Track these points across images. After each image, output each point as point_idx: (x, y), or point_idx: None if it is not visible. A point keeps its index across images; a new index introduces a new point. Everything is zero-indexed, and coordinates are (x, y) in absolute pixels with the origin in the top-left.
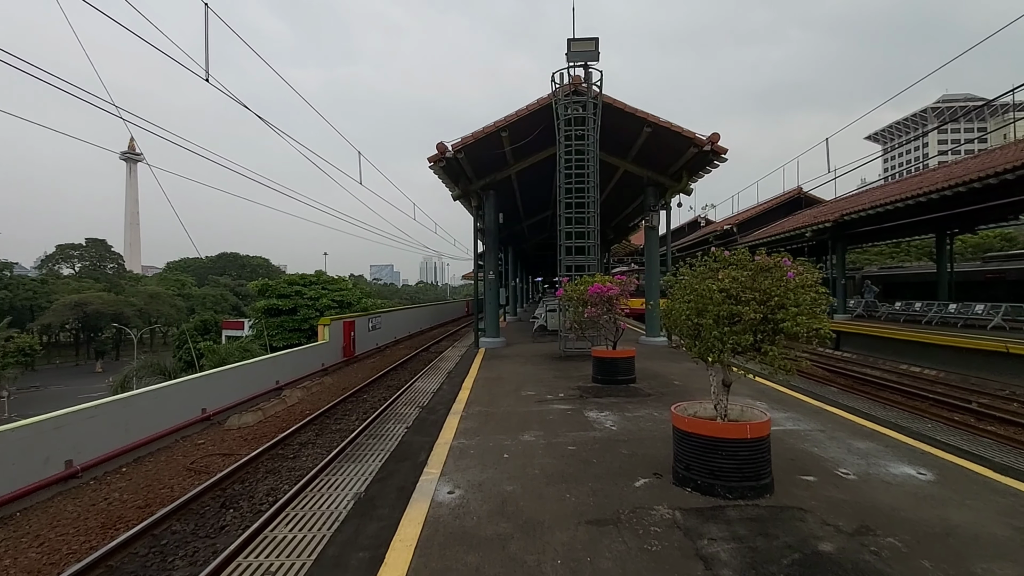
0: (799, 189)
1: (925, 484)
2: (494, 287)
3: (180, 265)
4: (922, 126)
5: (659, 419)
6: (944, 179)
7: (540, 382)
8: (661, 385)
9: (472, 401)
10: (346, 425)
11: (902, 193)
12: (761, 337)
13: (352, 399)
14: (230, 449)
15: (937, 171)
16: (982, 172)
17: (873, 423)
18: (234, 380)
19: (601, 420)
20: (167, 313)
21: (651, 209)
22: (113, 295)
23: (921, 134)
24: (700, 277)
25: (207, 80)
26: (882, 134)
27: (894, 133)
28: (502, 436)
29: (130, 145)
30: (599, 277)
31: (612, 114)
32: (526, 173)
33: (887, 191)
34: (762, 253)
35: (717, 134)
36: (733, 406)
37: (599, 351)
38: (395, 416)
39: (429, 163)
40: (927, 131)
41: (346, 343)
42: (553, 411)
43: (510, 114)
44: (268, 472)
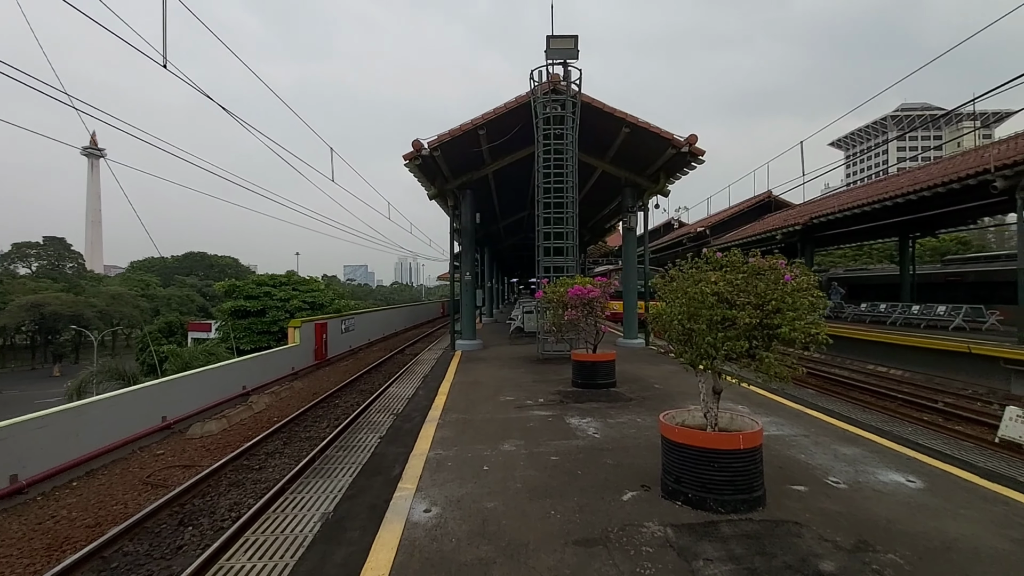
0: (769, 193)
1: (916, 493)
2: (470, 288)
3: (144, 265)
4: (882, 133)
5: (643, 425)
6: (909, 183)
7: (519, 386)
8: (642, 389)
9: (449, 407)
10: (316, 433)
11: (869, 197)
12: (756, 343)
13: (323, 405)
14: (191, 460)
15: (902, 176)
16: (946, 177)
17: (855, 427)
18: (197, 386)
19: (584, 427)
20: (130, 315)
21: (629, 210)
22: (72, 296)
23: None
24: (692, 280)
25: (164, 67)
26: (845, 141)
27: (856, 140)
28: (481, 446)
29: (92, 140)
30: (580, 279)
31: (591, 114)
32: (504, 172)
33: (854, 195)
34: (756, 254)
35: (695, 135)
36: (721, 414)
37: (579, 355)
38: (368, 424)
39: (404, 161)
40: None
41: (318, 346)
42: (534, 418)
43: (488, 111)
44: (231, 485)
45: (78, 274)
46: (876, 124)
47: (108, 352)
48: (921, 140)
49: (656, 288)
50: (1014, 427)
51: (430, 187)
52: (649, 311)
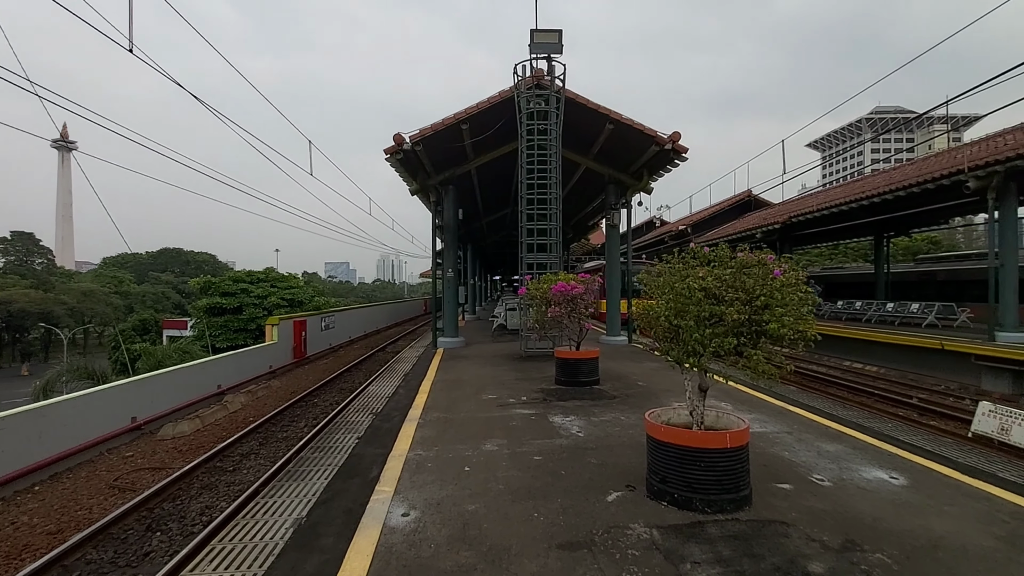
0: (749, 192)
1: (900, 490)
2: (453, 285)
3: (118, 261)
4: (857, 135)
5: (627, 423)
6: (885, 184)
7: (501, 384)
8: (625, 386)
9: (430, 406)
10: (293, 433)
11: (846, 196)
12: (744, 340)
13: (301, 404)
14: (161, 462)
15: (877, 176)
16: (921, 177)
17: (837, 423)
18: (169, 385)
19: (567, 426)
20: (102, 312)
21: (612, 207)
22: (41, 292)
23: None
24: (680, 275)
25: (131, 51)
26: (821, 142)
27: (832, 141)
28: (462, 446)
29: (63, 133)
30: (563, 275)
31: (574, 109)
32: (487, 168)
33: (831, 195)
34: (745, 249)
35: (678, 133)
36: (707, 412)
37: (562, 352)
38: (346, 424)
39: (385, 155)
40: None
41: (297, 344)
42: (516, 416)
43: (471, 106)
44: (203, 488)
45: (48, 270)
46: (852, 126)
47: (79, 351)
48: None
49: (642, 283)
50: (986, 422)
51: (412, 182)
52: (633, 308)
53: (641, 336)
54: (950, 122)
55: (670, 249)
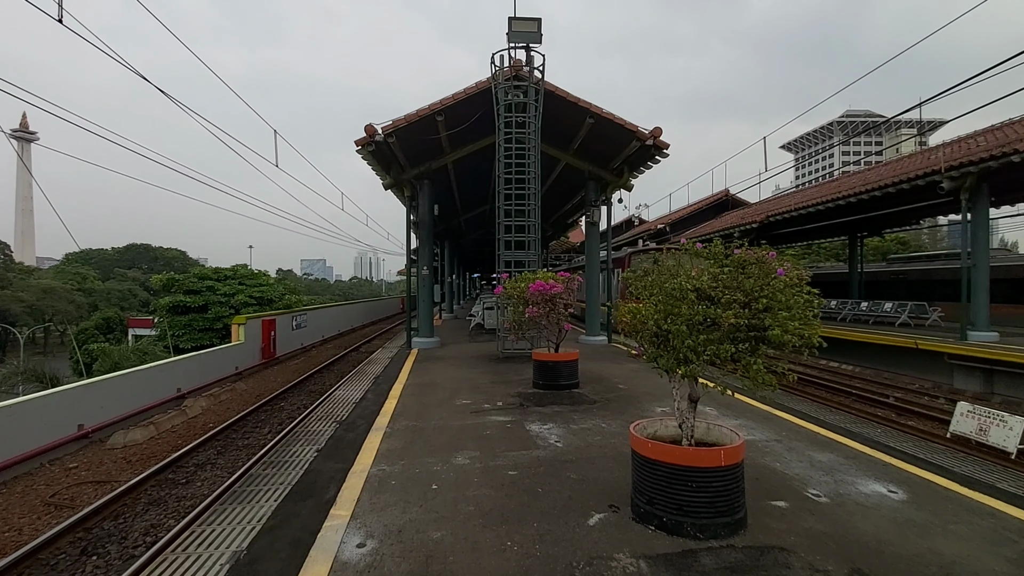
0: (726, 191)
1: (900, 506)
2: (428, 283)
3: (81, 257)
4: (828, 138)
5: (608, 432)
6: (861, 184)
7: (476, 388)
8: (606, 390)
9: (399, 413)
10: (255, 440)
11: (823, 196)
12: (743, 347)
13: (267, 408)
14: (107, 474)
15: (853, 177)
16: (897, 177)
17: (825, 429)
18: (123, 389)
19: (545, 435)
20: (64, 310)
21: (592, 204)
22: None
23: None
24: (670, 274)
25: (60, 21)
26: (794, 144)
27: (805, 143)
28: (432, 459)
29: (22, 123)
30: (542, 273)
31: (554, 103)
32: (464, 163)
33: (807, 194)
34: (742, 245)
35: (659, 128)
36: (696, 423)
37: (540, 354)
38: (306, 435)
39: (357, 146)
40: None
41: (265, 344)
42: (491, 424)
43: (446, 97)
44: (151, 503)
45: (5, 266)
46: (823, 129)
47: (39, 350)
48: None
49: (628, 283)
50: (964, 423)
51: (385, 176)
52: (613, 309)
53: (624, 338)
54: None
55: (681, 241)
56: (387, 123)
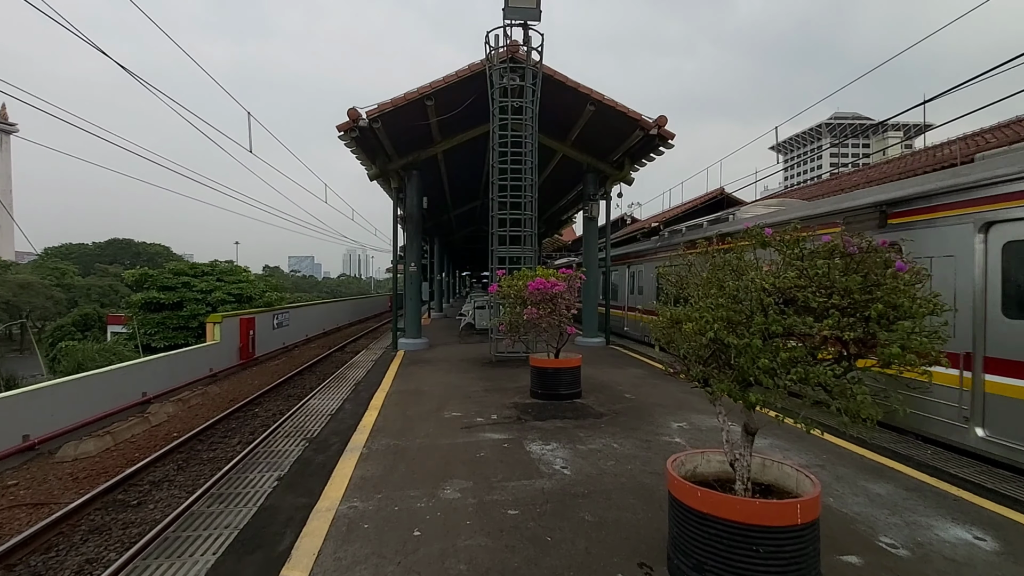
0: (721, 190)
1: (996, 559)
2: (416, 281)
3: (61, 251)
4: (817, 139)
5: (622, 455)
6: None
7: (468, 398)
8: (612, 400)
9: (379, 429)
10: (223, 452)
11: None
12: (844, 367)
13: (239, 414)
14: (48, 495)
15: (854, 175)
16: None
17: (870, 451)
18: (77, 395)
19: (548, 458)
20: (42, 306)
21: (591, 198)
22: None
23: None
24: (732, 268)
25: None
26: (784, 145)
27: (794, 145)
28: (415, 491)
29: (1, 113)
30: (541, 271)
31: (552, 88)
32: (455, 154)
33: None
34: (838, 232)
35: (664, 117)
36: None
37: (539, 360)
38: (268, 456)
39: (339, 132)
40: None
41: (243, 343)
42: (485, 443)
43: (436, 80)
44: (92, 531)
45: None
46: (812, 131)
47: (16, 347)
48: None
49: (665, 280)
50: None
51: (371, 166)
52: (637, 315)
53: (660, 353)
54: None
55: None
56: (372, 107)
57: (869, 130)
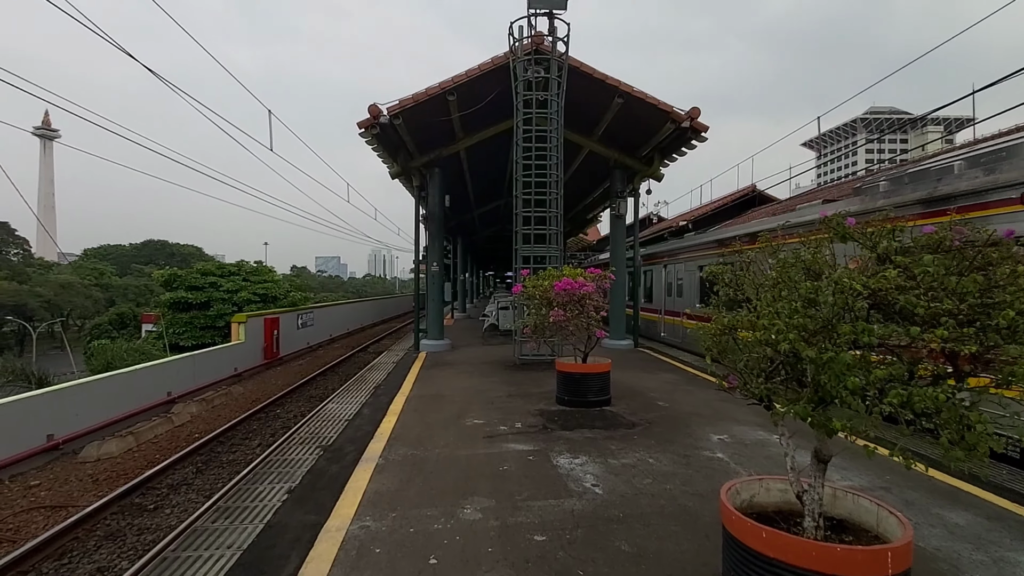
0: (753, 187)
1: None
2: (438, 280)
3: (99, 252)
4: (851, 135)
5: (659, 472)
6: None
7: (491, 403)
8: (643, 408)
9: (397, 437)
10: (242, 455)
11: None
12: (957, 388)
13: (261, 415)
14: (68, 497)
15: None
16: None
17: (939, 472)
18: (102, 394)
19: (578, 474)
20: (81, 305)
21: (618, 195)
22: (15, 284)
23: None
24: (803, 267)
25: None
26: (816, 141)
27: (827, 141)
28: (432, 509)
29: (44, 120)
30: (568, 270)
31: (578, 81)
32: (477, 151)
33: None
34: (915, 223)
35: (697, 108)
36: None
37: (565, 364)
38: (280, 465)
39: (359, 129)
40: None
41: (267, 343)
42: (509, 455)
43: (459, 74)
44: (107, 537)
45: (25, 261)
46: (846, 126)
47: (57, 345)
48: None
49: (719, 280)
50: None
51: (392, 164)
52: (681, 320)
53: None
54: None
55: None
56: (393, 103)
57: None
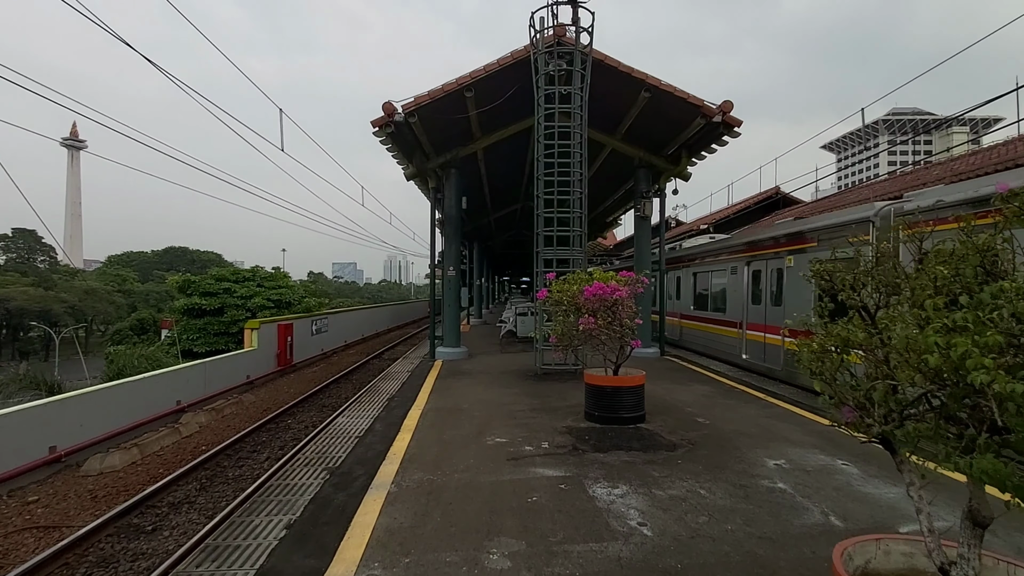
0: (777, 189)
1: None
2: (454, 286)
3: (122, 259)
4: (873, 136)
5: (714, 505)
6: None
7: (513, 418)
8: (682, 426)
9: (411, 458)
10: (248, 470)
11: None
12: None
13: (271, 426)
14: (63, 516)
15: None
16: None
17: None
18: (108, 404)
19: (619, 508)
20: (104, 310)
21: (643, 196)
22: (41, 290)
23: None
24: (963, 262)
25: None
26: (836, 144)
27: (848, 143)
28: (452, 554)
29: (72, 131)
30: (599, 273)
31: (601, 76)
32: (496, 151)
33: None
34: None
35: (730, 102)
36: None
37: (595, 376)
38: (281, 492)
39: (373, 128)
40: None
41: (281, 350)
42: (537, 483)
43: (476, 69)
44: (99, 563)
45: (51, 268)
46: (868, 127)
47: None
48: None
49: (839, 284)
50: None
51: (407, 164)
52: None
53: (814, 380)
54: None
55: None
56: (408, 100)
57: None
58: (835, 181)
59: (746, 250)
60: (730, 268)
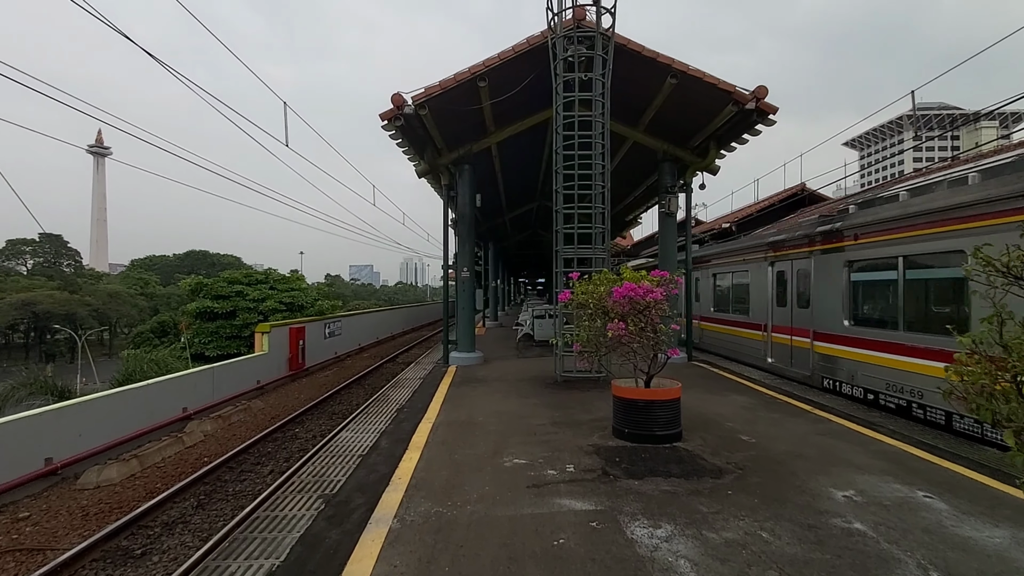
0: (803, 186)
1: None
2: (469, 287)
3: (145, 263)
4: (897, 132)
5: (783, 554)
6: None
7: (532, 434)
8: (725, 444)
9: (418, 484)
10: (250, 486)
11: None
12: None
13: (278, 435)
14: (50, 536)
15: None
16: None
17: None
18: (109, 412)
19: (665, 557)
20: (127, 313)
21: (668, 191)
22: (66, 294)
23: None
24: None
25: None
26: (859, 141)
27: (871, 140)
28: None
29: (97, 139)
30: (629, 273)
31: (624, 63)
32: (511, 146)
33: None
34: None
35: (764, 87)
36: None
37: (624, 389)
38: (266, 528)
39: (382, 121)
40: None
41: (293, 354)
42: (564, 519)
43: (491, 57)
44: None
45: (77, 272)
46: (892, 124)
47: (105, 352)
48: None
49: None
50: None
51: (419, 161)
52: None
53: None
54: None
55: None
56: (418, 91)
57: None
58: (857, 179)
59: (785, 248)
60: (753, 268)
